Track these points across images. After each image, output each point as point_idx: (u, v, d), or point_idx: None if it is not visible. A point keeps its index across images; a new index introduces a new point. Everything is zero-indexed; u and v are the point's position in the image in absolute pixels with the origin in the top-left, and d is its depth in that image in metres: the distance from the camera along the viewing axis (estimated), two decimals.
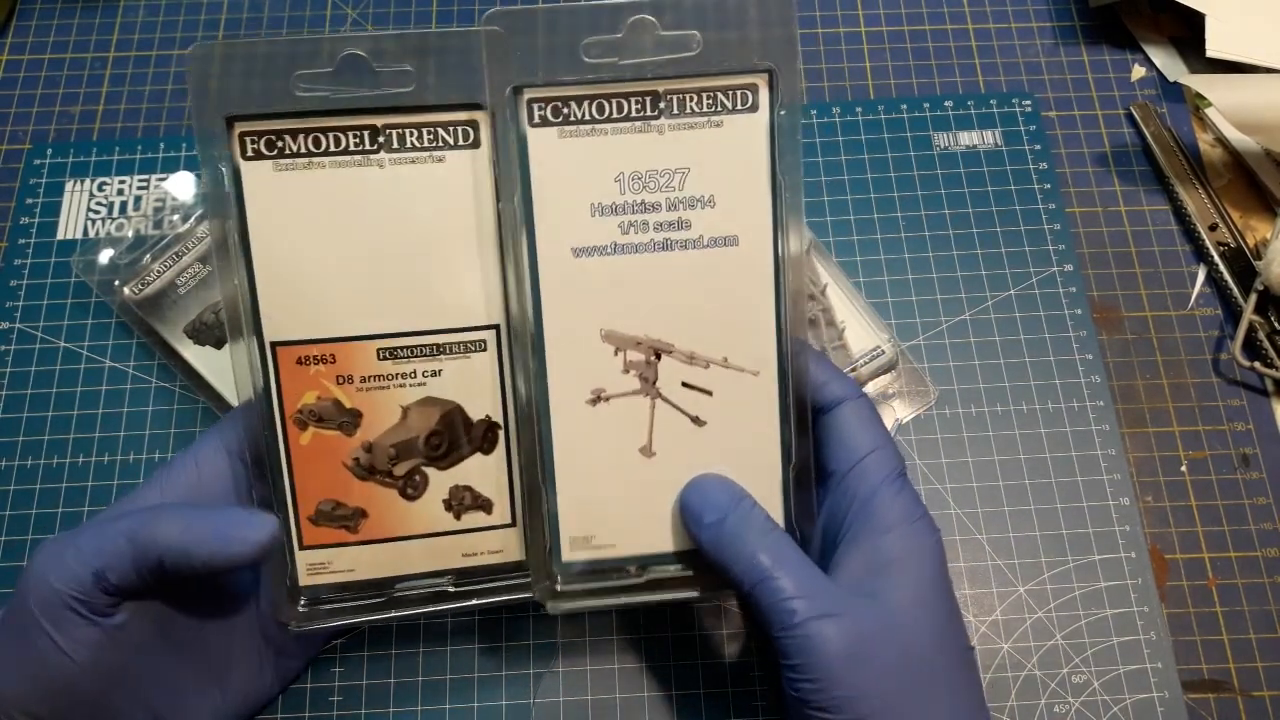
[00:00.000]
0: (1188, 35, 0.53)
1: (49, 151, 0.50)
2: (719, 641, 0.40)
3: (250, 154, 0.32)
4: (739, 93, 0.33)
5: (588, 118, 0.33)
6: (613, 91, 0.33)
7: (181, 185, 0.47)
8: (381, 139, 0.33)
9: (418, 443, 0.34)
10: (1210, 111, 0.50)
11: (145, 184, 0.49)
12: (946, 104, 0.51)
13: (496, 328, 0.34)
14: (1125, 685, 0.39)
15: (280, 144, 0.32)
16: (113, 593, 0.30)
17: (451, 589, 0.35)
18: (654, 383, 0.34)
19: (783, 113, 0.33)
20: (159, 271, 0.45)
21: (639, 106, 0.33)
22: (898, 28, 0.54)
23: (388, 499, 0.34)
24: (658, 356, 0.34)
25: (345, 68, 0.33)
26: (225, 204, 0.32)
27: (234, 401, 0.42)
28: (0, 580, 0.41)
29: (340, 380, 0.33)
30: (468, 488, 0.34)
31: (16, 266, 0.47)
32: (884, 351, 0.43)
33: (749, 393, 0.34)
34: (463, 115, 0.33)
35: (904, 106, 0.51)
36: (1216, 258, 0.47)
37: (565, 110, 0.33)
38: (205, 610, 0.35)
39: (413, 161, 0.33)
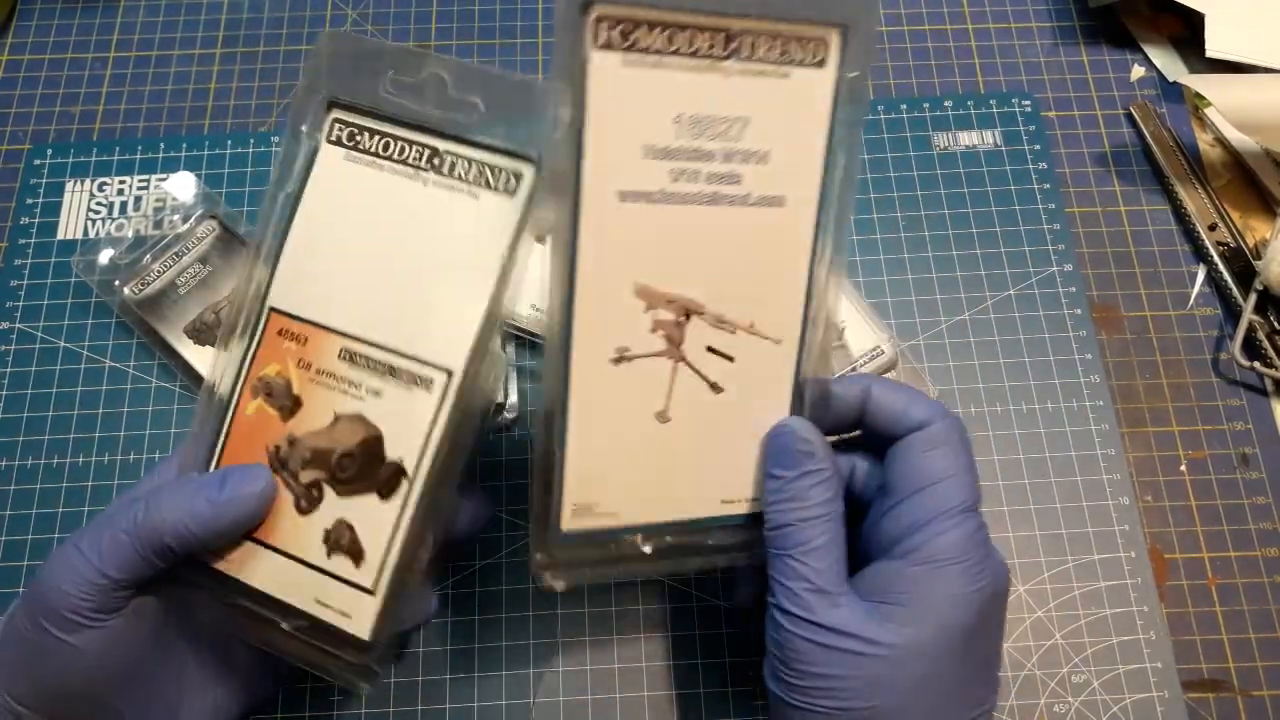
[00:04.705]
0: (1187, 35, 0.53)
1: (49, 151, 0.50)
2: (719, 641, 0.40)
3: (333, 139, 0.34)
4: (810, 44, 0.31)
5: (655, 47, 0.29)
6: (686, 21, 0.29)
7: (181, 185, 0.47)
8: (436, 160, 0.33)
9: (332, 456, 0.33)
10: (1210, 111, 0.50)
11: (145, 184, 0.49)
12: (946, 104, 0.51)
13: (449, 374, 0.33)
14: (1125, 685, 0.39)
15: (359, 138, 0.34)
16: (126, 586, 0.31)
17: (286, 628, 0.32)
18: (679, 345, 0.31)
19: (853, 74, 0.31)
20: (159, 271, 0.45)
21: (709, 43, 0.30)
22: (897, 28, 0.54)
23: (283, 502, 0.33)
24: (687, 317, 0.31)
25: (427, 84, 0.34)
26: (293, 174, 0.34)
27: None
28: (0, 580, 0.41)
29: (300, 364, 0.33)
30: (350, 526, 0.33)
31: (16, 266, 0.47)
32: (884, 351, 0.43)
33: (767, 361, 0.33)
34: (511, 162, 0.33)
35: (904, 106, 0.51)
36: (1216, 258, 0.47)
37: (634, 35, 0.29)
38: None
39: (451, 189, 0.33)
